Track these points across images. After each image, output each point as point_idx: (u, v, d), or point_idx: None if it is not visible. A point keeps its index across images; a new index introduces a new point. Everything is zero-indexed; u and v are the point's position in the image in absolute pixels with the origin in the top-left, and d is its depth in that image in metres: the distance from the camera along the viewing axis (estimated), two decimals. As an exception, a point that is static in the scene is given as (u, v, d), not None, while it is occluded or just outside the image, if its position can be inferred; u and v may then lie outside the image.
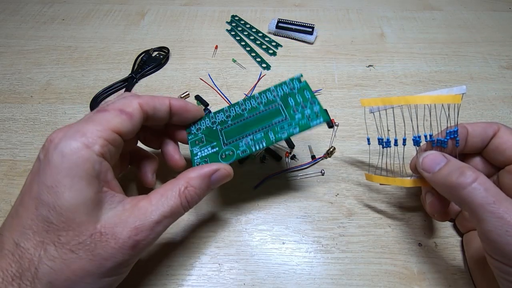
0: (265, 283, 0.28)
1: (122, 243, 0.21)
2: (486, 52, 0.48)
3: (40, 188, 0.21)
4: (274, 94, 0.29)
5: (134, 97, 0.26)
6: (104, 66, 0.46)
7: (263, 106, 0.29)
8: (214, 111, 0.31)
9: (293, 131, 0.26)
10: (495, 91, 0.43)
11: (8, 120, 0.40)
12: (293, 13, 0.55)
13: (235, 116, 0.29)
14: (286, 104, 0.28)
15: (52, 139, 0.22)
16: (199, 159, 0.28)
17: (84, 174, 0.21)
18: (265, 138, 0.27)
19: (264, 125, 0.28)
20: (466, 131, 0.28)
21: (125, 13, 0.55)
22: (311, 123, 0.26)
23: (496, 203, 0.21)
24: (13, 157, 0.36)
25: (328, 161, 0.36)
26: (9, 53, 0.48)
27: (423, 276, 0.28)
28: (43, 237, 0.20)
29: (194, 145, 0.29)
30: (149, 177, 0.30)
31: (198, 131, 0.30)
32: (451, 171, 0.24)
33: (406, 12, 0.55)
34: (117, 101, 0.25)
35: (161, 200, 0.23)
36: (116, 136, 0.23)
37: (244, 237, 0.31)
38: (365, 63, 0.47)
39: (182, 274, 0.29)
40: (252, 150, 0.27)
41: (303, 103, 0.27)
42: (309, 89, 0.28)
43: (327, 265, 0.29)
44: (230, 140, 0.28)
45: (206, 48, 0.49)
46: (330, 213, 0.32)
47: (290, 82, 0.29)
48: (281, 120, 0.27)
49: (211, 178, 0.25)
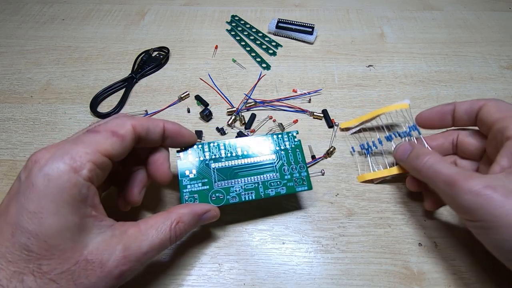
0: (265, 283, 0.28)
1: (108, 272, 0.20)
2: (486, 52, 0.48)
3: (19, 213, 0.19)
4: (270, 146, 0.31)
5: (127, 118, 0.24)
6: (104, 66, 0.46)
7: (258, 154, 0.31)
8: (208, 142, 0.30)
9: (280, 191, 0.29)
10: (495, 91, 0.43)
11: (8, 120, 0.40)
12: (293, 13, 0.55)
13: (229, 156, 0.30)
14: (279, 160, 0.31)
15: (37, 160, 0.20)
16: (188, 194, 0.28)
17: (70, 199, 0.20)
18: (255, 190, 0.29)
19: (256, 175, 0.30)
20: (453, 107, 0.30)
21: (125, 13, 0.55)
22: (296, 189, 0.30)
23: (447, 175, 0.25)
24: (13, 157, 0.36)
25: (328, 161, 0.36)
26: (9, 53, 0.48)
27: (423, 276, 0.28)
28: (19, 267, 0.19)
29: (184, 176, 0.29)
30: (135, 195, 0.27)
31: (190, 160, 0.29)
32: (413, 157, 0.29)
33: (406, 12, 0.55)
34: (110, 121, 0.24)
35: (152, 231, 0.23)
36: (106, 159, 0.22)
37: (244, 237, 0.31)
38: (365, 63, 0.47)
39: (182, 274, 0.29)
40: (241, 199, 0.29)
41: (294, 165, 0.31)
42: (301, 151, 0.31)
43: (327, 265, 0.29)
44: (221, 182, 0.29)
45: (206, 48, 0.49)
46: (330, 213, 0.32)
47: (287, 136, 0.32)
48: (272, 176, 0.30)
49: (201, 217, 0.26)
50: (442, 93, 0.43)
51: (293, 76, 0.45)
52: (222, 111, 0.41)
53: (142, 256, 0.22)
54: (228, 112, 0.40)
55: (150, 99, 0.42)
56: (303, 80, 0.44)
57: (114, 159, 0.23)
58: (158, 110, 0.41)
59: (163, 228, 0.23)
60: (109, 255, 0.20)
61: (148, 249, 0.22)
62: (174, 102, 0.42)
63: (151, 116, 0.40)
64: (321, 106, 0.41)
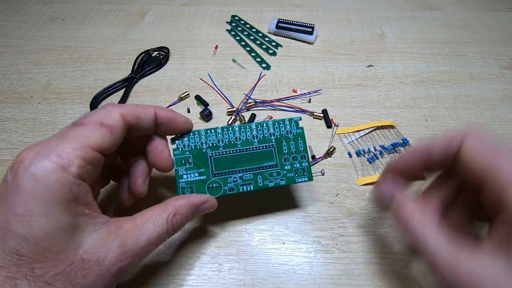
0: (265, 283, 0.28)
1: (106, 270, 0.20)
2: (486, 52, 0.48)
3: (8, 217, 0.18)
4: (270, 132, 0.29)
5: (115, 106, 0.23)
6: (104, 66, 0.46)
7: (257, 142, 0.29)
8: (205, 128, 0.29)
9: (279, 182, 0.28)
10: (495, 91, 0.43)
11: (8, 120, 0.40)
12: (293, 13, 0.55)
13: (227, 144, 0.28)
14: (280, 148, 0.29)
15: (22, 160, 0.19)
16: (184, 184, 0.27)
17: (60, 199, 0.19)
18: (253, 181, 0.28)
19: (255, 165, 0.28)
20: (426, 153, 0.23)
21: (125, 13, 0.55)
22: (296, 180, 0.29)
23: (431, 250, 0.20)
24: (13, 157, 0.36)
25: (328, 161, 0.36)
26: (9, 53, 0.48)
27: (423, 276, 0.28)
28: (11, 271, 0.18)
29: (180, 165, 0.28)
30: (139, 185, 0.26)
31: (186, 148, 0.28)
32: (394, 211, 0.23)
33: (406, 12, 0.55)
34: (96, 112, 0.22)
35: (148, 225, 0.22)
36: (96, 154, 0.21)
37: (244, 237, 0.31)
38: (365, 63, 0.47)
39: (182, 274, 0.29)
40: (239, 190, 0.28)
41: (295, 154, 0.29)
42: (304, 139, 0.30)
43: (327, 265, 0.29)
44: (219, 172, 0.28)
45: (206, 48, 0.49)
46: (330, 213, 0.32)
47: (289, 123, 0.30)
48: (271, 165, 0.28)
49: (198, 208, 0.25)
50: (442, 93, 0.43)
51: (293, 76, 0.45)
52: (222, 111, 0.41)
53: (140, 251, 0.21)
54: (228, 112, 0.40)
55: (150, 99, 0.42)
56: (303, 80, 0.44)
57: (105, 152, 0.22)
58: (158, 110, 0.41)
59: (159, 221, 0.22)
60: (106, 253, 0.20)
61: (146, 243, 0.22)
62: (174, 102, 0.42)
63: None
64: (321, 106, 0.41)
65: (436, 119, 0.40)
